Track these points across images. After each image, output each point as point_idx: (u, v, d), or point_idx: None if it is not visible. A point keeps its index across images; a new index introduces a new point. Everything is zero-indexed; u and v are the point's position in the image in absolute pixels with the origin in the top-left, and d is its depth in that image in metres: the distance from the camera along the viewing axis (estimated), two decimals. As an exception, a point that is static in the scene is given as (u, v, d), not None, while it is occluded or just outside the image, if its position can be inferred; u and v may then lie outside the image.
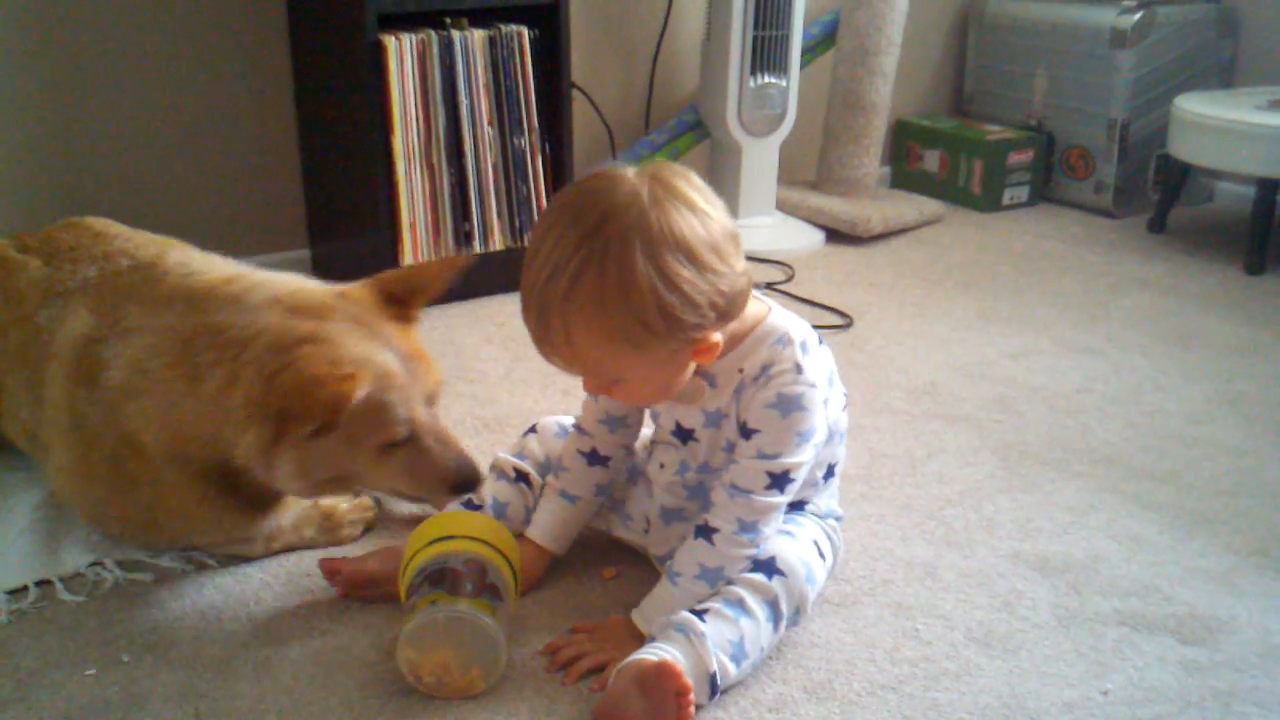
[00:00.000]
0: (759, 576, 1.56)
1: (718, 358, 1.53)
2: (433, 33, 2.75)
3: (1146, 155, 3.77)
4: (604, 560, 1.82)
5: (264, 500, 1.79)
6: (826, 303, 2.95)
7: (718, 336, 1.49)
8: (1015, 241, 3.55)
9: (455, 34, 2.78)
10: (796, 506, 1.69)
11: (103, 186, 2.88)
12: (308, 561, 1.82)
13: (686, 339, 1.45)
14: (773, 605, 1.56)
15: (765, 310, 1.60)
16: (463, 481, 1.72)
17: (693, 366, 1.53)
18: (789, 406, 1.54)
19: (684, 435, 1.66)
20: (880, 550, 1.88)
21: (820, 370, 1.59)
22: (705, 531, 1.58)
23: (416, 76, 2.74)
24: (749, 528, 1.56)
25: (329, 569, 1.73)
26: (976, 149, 3.84)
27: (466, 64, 2.80)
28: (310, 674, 1.57)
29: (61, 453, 1.81)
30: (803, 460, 1.56)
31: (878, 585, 1.79)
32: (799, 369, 1.55)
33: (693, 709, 1.44)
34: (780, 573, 1.57)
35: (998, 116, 4.05)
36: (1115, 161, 3.73)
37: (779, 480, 1.56)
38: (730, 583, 1.56)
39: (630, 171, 1.46)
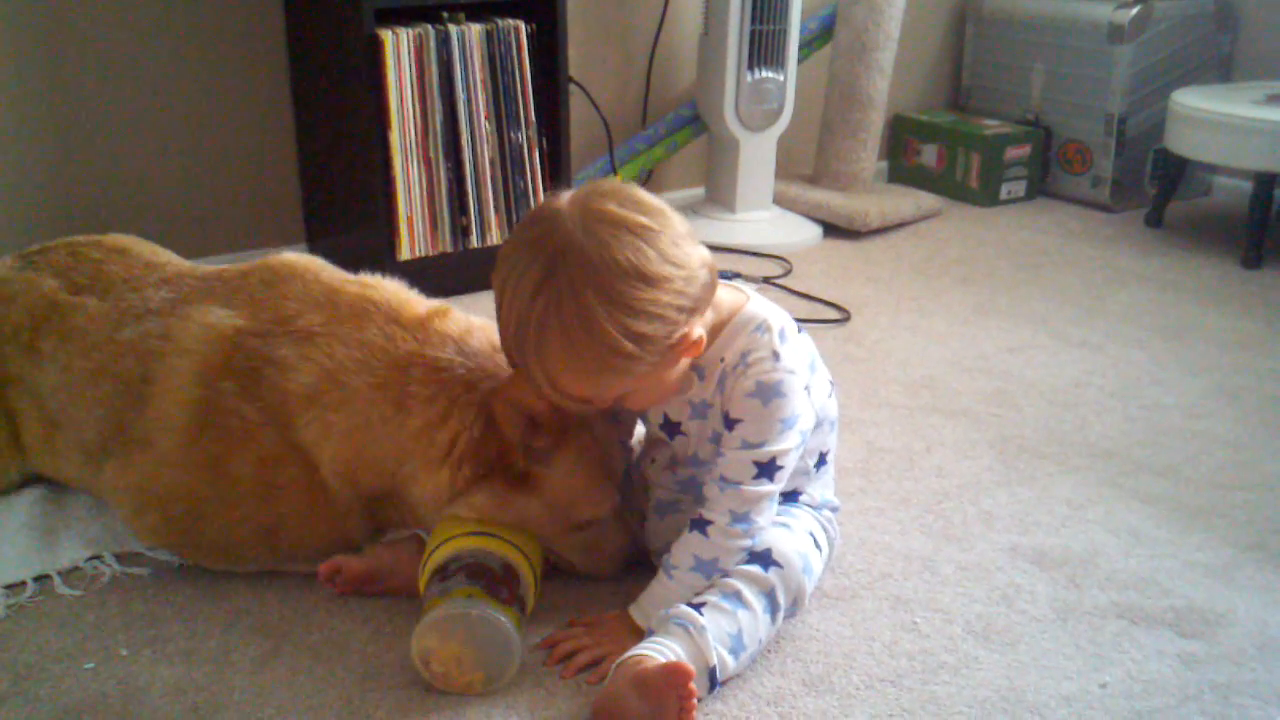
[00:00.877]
0: (755, 568, 1.57)
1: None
2: (430, 27, 2.75)
3: (1144, 150, 3.77)
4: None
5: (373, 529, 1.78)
6: (824, 297, 2.95)
7: (699, 331, 1.51)
8: (1013, 236, 3.55)
9: (452, 28, 2.77)
10: (791, 497, 1.70)
11: (100, 182, 2.87)
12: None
13: (665, 348, 1.47)
14: (769, 597, 1.56)
15: (744, 299, 1.61)
16: (633, 557, 1.74)
17: (686, 362, 1.54)
18: (769, 394, 1.55)
19: (671, 429, 1.67)
20: (878, 544, 1.88)
21: (799, 357, 1.59)
22: (699, 524, 1.58)
23: (413, 71, 2.74)
24: (742, 518, 1.57)
25: (328, 570, 1.71)
26: (974, 143, 3.84)
27: (464, 58, 2.80)
28: (309, 667, 1.57)
29: (164, 449, 1.73)
30: (788, 447, 1.57)
31: (876, 579, 1.79)
32: (776, 356, 1.56)
33: (695, 711, 1.43)
34: (776, 564, 1.57)
35: (995, 111, 4.05)
36: (1113, 156, 3.73)
37: (766, 469, 1.56)
38: (726, 575, 1.57)
39: (564, 202, 1.47)
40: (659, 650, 1.46)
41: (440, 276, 2.91)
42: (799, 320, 1.68)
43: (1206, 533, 1.93)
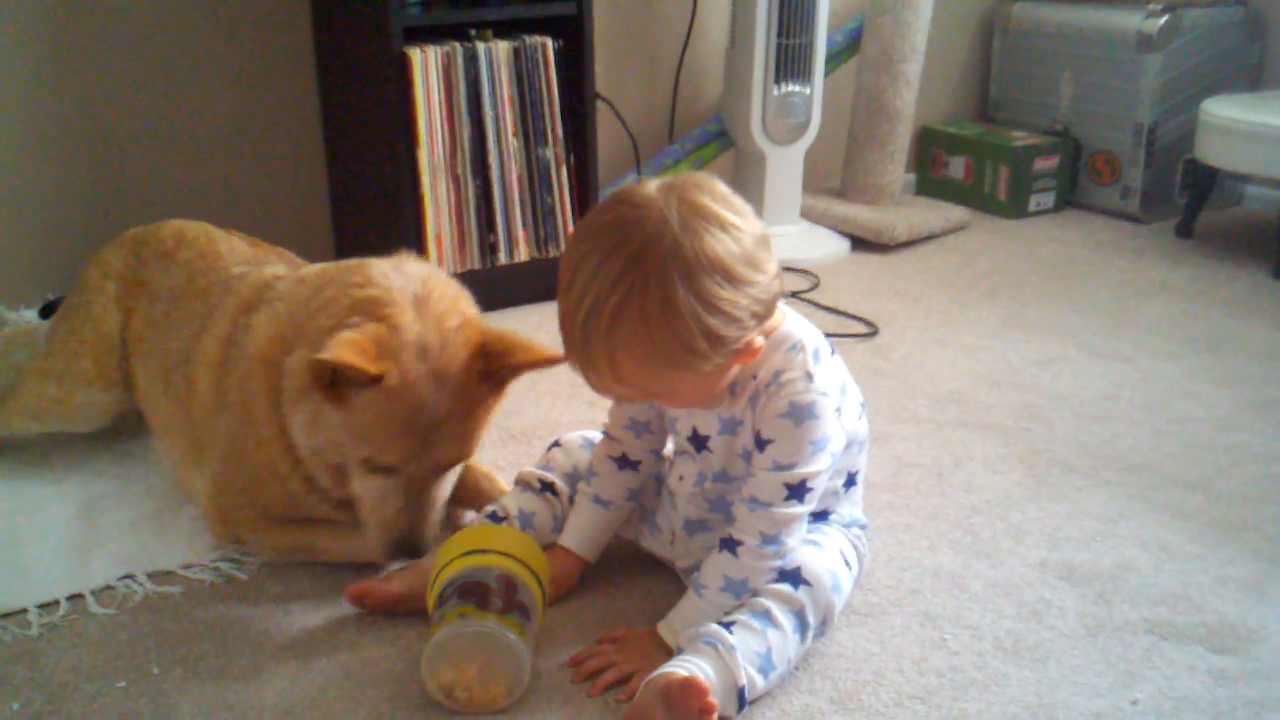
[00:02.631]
0: (785, 587, 1.56)
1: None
2: (457, 45, 2.77)
3: (1174, 160, 3.75)
4: (632, 572, 1.81)
5: None
6: (852, 311, 2.95)
7: (760, 340, 1.51)
8: (1041, 248, 3.53)
9: (480, 46, 2.79)
10: (820, 516, 1.69)
11: (131, 200, 2.90)
12: (337, 574, 1.83)
13: (731, 352, 1.47)
14: (799, 616, 1.56)
15: (780, 317, 1.60)
16: (401, 546, 1.71)
17: (736, 369, 1.54)
18: (801, 416, 1.54)
19: (699, 443, 1.67)
20: (907, 560, 1.88)
21: (832, 379, 1.59)
22: (729, 544, 1.58)
23: (441, 88, 2.75)
24: (772, 540, 1.56)
25: (356, 594, 1.72)
26: (1002, 155, 3.83)
27: (491, 75, 2.81)
28: (339, 686, 1.58)
29: (200, 390, 1.92)
30: (819, 469, 1.57)
31: (905, 595, 1.78)
32: (810, 377, 1.55)
33: None
34: (806, 583, 1.57)
35: (1023, 122, 4.04)
36: (1142, 166, 3.71)
37: (797, 490, 1.56)
38: (756, 594, 1.57)
39: (654, 190, 1.46)
40: (686, 667, 1.47)
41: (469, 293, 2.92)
42: (827, 335, 1.68)
43: (1238, 547, 1.91)
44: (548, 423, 2.33)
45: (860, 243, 3.51)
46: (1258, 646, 1.66)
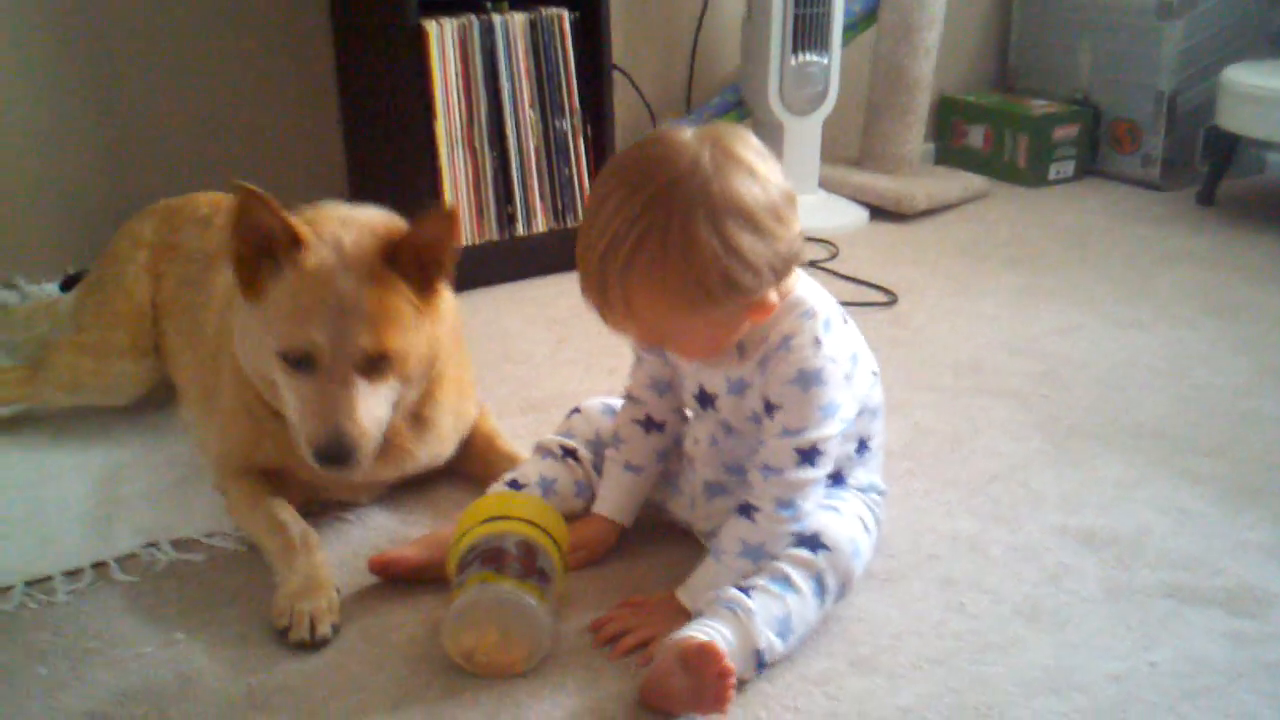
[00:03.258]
0: (804, 552, 1.57)
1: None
2: (473, 17, 2.76)
3: (1195, 127, 3.73)
4: (653, 539, 1.82)
5: None
6: (871, 280, 2.94)
7: (774, 297, 1.52)
8: (1061, 216, 3.52)
9: (496, 18, 2.78)
10: (836, 480, 1.70)
11: (149, 174, 2.91)
12: (357, 541, 1.84)
13: (745, 302, 1.48)
14: (819, 580, 1.56)
15: (796, 281, 1.60)
16: (326, 449, 1.67)
17: (747, 325, 1.55)
18: (809, 381, 1.55)
19: (705, 400, 1.68)
20: (926, 525, 1.88)
21: (841, 347, 1.59)
22: (746, 510, 1.59)
23: (458, 61, 2.75)
24: (787, 504, 1.57)
25: (379, 564, 1.72)
26: (1022, 124, 3.81)
27: (507, 47, 2.81)
28: (361, 651, 1.59)
29: (204, 351, 2.01)
30: (828, 434, 1.57)
31: (924, 560, 1.79)
32: (818, 343, 1.56)
33: (733, 689, 1.44)
34: (825, 547, 1.58)
35: (1043, 90, 4.01)
36: (1163, 134, 3.69)
37: (808, 455, 1.57)
38: (776, 558, 1.57)
39: (689, 135, 1.47)
40: (705, 632, 1.47)
41: (487, 265, 2.93)
42: (845, 304, 1.68)
43: (1257, 511, 1.91)
44: (566, 393, 2.33)
45: (879, 212, 3.50)
46: (1276, 610, 1.66)
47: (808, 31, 3.32)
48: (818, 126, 3.47)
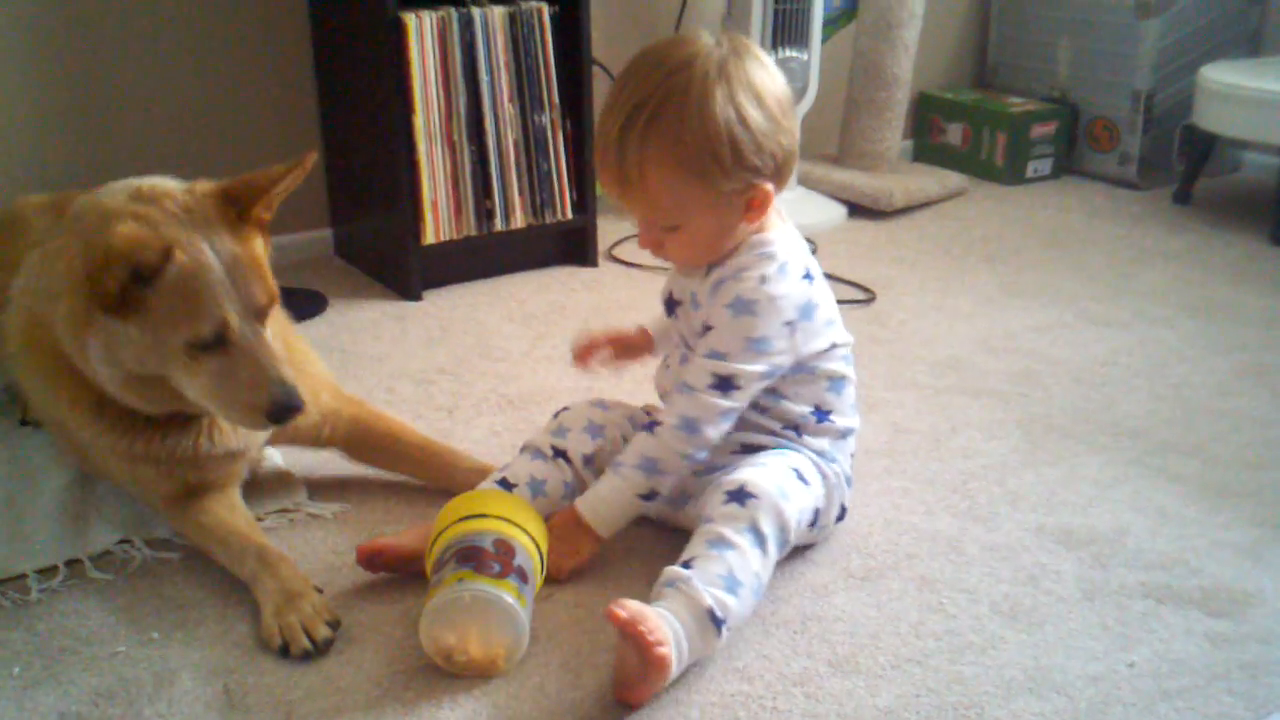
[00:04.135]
0: (732, 507, 1.59)
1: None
2: (453, 10, 2.75)
3: (1171, 126, 3.74)
4: (630, 535, 1.81)
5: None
6: (849, 277, 2.95)
7: (770, 187, 1.63)
8: (1039, 214, 3.53)
9: (475, 11, 2.77)
10: (794, 433, 1.74)
11: (121, 164, 2.88)
12: (334, 539, 1.83)
13: (746, 182, 1.60)
14: (753, 530, 1.58)
15: (775, 227, 1.71)
16: (273, 408, 1.65)
17: (742, 229, 1.66)
18: (741, 309, 1.63)
19: (671, 305, 1.78)
20: (904, 524, 1.88)
21: (791, 292, 1.66)
22: (650, 425, 1.68)
23: (437, 54, 2.74)
24: (689, 425, 1.64)
25: (368, 552, 1.71)
26: (999, 121, 3.82)
27: (487, 41, 2.80)
28: (338, 650, 1.58)
29: None
30: (750, 369, 1.64)
31: (902, 559, 1.79)
32: (764, 280, 1.64)
33: (654, 636, 1.42)
34: (751, 496, 1.60)
35: (1021, 88, 4.03)
36: (1140, 133, 3.70)
37: (723, 383, 1.64)
38: (710, 521, 1.58)
39: (707, 33, 1.64)
40: (660, 616, 1.47)
41: (465, 260, 2.92)
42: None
43: (1235, 511, 1.92)
44: (544, 390, 2.33)
45: (857, 209, 3.51)
46: (1253, 610, 1.67)
47: (787, 27, 3.32)
48: (796, 123, 3.46)
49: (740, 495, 1.60)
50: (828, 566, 1.76)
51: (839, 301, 1.80)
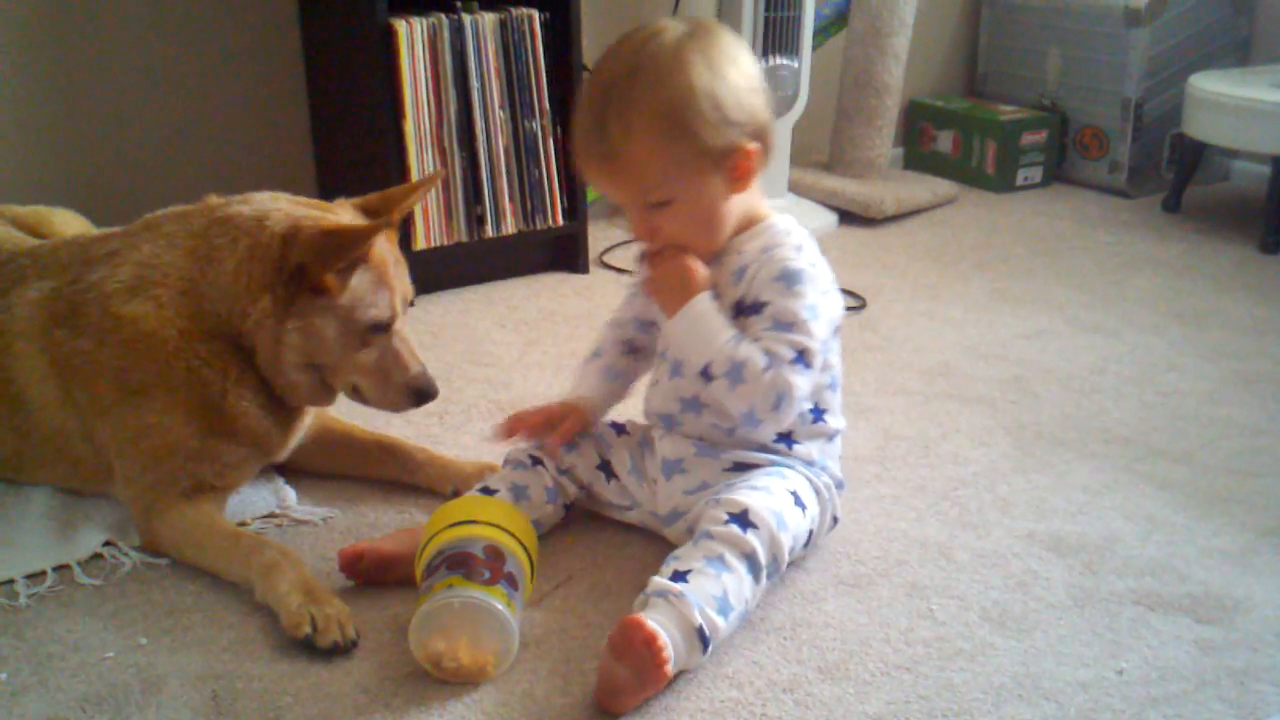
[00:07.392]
0: (733, 529, 1.58)
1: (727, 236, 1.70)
2: (443, 16, 2.75)
3: (1161, 134, 3.75)
4: (620, 543, 1.81)
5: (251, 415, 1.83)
6: (839, 285, 2.93)
7: (755, 146, 1.65)
8: (1029, 222, 3.54)
9: (466, 17, 2.77)
10: (786, 439, 1.74)
11: (109, 172, 2.88)
12: (324, 544, 1.83)
13: (729, 141, 1.61)
14: (750, 559, 1.58)
15: (779, 212, 1.76)
16: (423, 390, 1.83)
17: (733, 205, 1.67)
18: (793, 279, 1.67)
19: (645, 326, 1.81)
20: (894, 531, 1.88)
21: (821, 262, 1.72)
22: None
23: (427, 60, 2.74)
24: (777, 360, 1.63)
25: (350, 556, 1.71)
26: (990, 129, 3.83)
27: (477, 47, 2.80)
28: (327, 656, 1.57)
29: (54, 424, 1.87)
30: (818, 335, 1.65)
31: (892, 566, 1.79)
32: (799, 249, 1.70)
33: (666, 653, 1.44)
34: (754, 525, 1.59)
35: (1011, 96, 4.03)
36: (1129, 141, 3.71)
37: (801, 356, 1.64)
38: (710, 537, 1.58)
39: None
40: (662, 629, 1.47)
41: (456, 266, 2.92)
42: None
43: (1224, 518, 1.92)
44: (535, 395, 2.32)
45: (848, 216, 3.51)
46: (1242, 617, 1.67)
47: (778, 35, 3.32)
48: (787, 130, 3.47)
49: (743, 520, 1.59)
50: (818, 573, 1.76)
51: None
